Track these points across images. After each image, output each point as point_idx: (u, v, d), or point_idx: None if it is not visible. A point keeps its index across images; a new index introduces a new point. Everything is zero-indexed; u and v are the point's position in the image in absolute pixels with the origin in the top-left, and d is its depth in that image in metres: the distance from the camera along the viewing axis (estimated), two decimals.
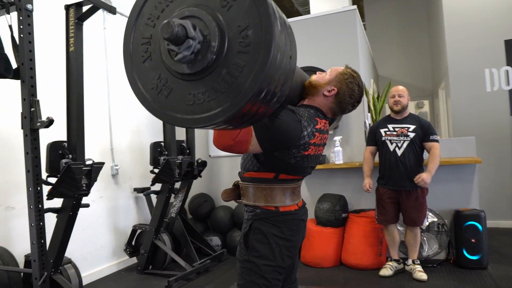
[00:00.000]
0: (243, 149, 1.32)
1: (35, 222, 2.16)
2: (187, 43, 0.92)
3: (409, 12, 7.63)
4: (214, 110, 0.94)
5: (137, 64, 1.05)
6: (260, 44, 0.90)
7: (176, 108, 0.99)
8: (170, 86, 1.00)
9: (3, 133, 3.01)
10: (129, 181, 4.29)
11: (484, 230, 3.46)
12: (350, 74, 1.53)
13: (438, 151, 3.25)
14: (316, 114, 1.49)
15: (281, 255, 1.46)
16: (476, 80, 5.09)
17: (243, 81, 0.91)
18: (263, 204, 1.47)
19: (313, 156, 1.49)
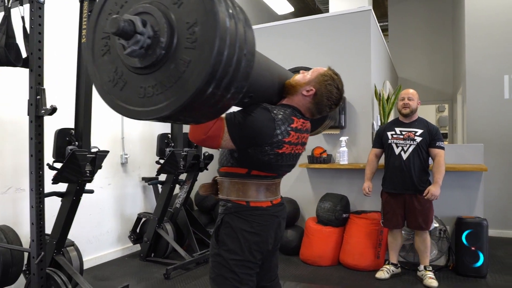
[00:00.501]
0: (215, 143, 1.37)
1: (35, 204, 2.29)
2: (135, 38, 0.97)
3: (434, 15, 7.48)
4: (161, 104, 0.99)
5: (97, 57, 1.12)
6: (205, 40, 0.95)
7: (129, 100, 1.05)
8: (125, 79, 1.06)
9: (15, 119, 3.17)
10: (137, 170, 4.43)
11: (485, 239, 3.42)
12: (330, 76, 1.55)
13: (442, 159, 3.21)
14: (293, 113, 1.52)
15: (250, 250, 1.48)
16: (494, 86, 4.97)
17: (188, 77, 0.96)
18: (235, 198, 1.51)
19: (289, 154, 1.51)
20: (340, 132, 4.20)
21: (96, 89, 1.13)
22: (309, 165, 4.14)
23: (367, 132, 4.17)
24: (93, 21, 1.14)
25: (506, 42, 4.94)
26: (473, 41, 5.13)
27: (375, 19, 4.59)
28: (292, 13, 8.21)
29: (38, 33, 2.35)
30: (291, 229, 4.16)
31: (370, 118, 4.17)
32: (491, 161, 4.68)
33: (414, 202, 3.27)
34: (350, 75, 4.21)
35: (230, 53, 0.98)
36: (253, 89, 1.34)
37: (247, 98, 1.36)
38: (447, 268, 3.62)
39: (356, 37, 4.23)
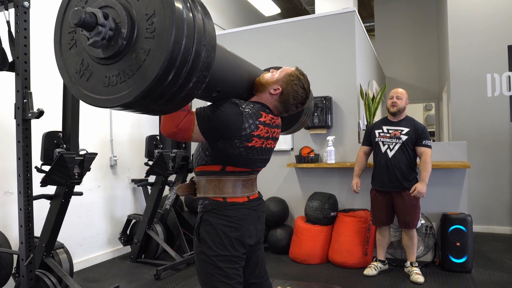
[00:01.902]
0: (186, 136, 1.42)
1: (23, 206, 2.30)
2: (97, 29, 1.03)
3: (419, 14, 7.60)
4: (124, 92, 1.05)
5: (64, 51, 1.18)
6: (162, 30, 1.01)
7: (95, 90, 1.11)
8: (90, 69, 1.12)
9: (2, 122, 3.17)
10: (127, 172, 4.44)
11: (469, 234, 3.49)
12: (296, 76, 1.60)
13: (428, 157, 3.27)
14: (262, 108, 1.57)
15: (231, 244, 1.52)
16: (477, 85, 5.08)
17: (148, 65, 1.02)
18: (212, 195, 1.55)
19: (259, 148, 1.56)
20: (327, 131, 4.26)
21: (64, 81, 1.18)
22: (297, 164, 4.20)
23: (353, 131, 4.23)
24: (60, 16, 1.20)
25: (488, 42, 5.05)
26: (456, 40, 5.24)
27: (359, 20, 4.66)
28: (280, 14, 8.27)
29: (24, 37, 2.36)
30: (280, 228, 4.20)
31: (356, 118, 4.24)
32: (475, 158, 4.79)
33: (401, 200, 3.33)
34: (336, 75, 4.28)
35: (188, 42, 1.04)
36: (221, 84, 1.40)
37: (215, 93, 1.41)
38: (433, 264, 3.70)
39: (341, 37, 4.30)
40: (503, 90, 4.96)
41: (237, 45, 4.86)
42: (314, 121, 4.19)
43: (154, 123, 4.67)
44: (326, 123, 4.17)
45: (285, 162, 4.41)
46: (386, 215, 3.44)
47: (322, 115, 4.16)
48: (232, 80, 1.49)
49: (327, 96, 4.18)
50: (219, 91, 1.41)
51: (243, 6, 7.33)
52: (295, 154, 4.33)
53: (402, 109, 3.42)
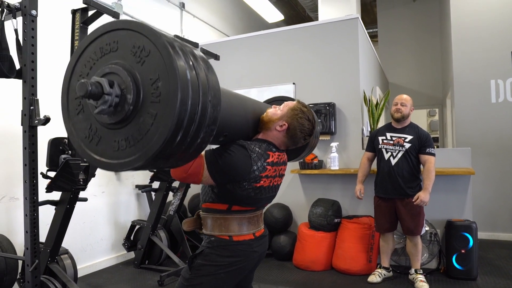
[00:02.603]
0: (196, 180, 1.43)
1: (29, 212, 2.32)
2: (103, 98, 1.05)
3: (422, 20, 7.62)
4: (134, 156, 1.06)
5: (72, 116, 1.19)
6: (168, 94, 1.01)
7: (105, 154, 1.12)
8: (99, 134, 1.13)
9: (10, 129, 3.20)
10: (131, 178, 4.46)
11: (474, 242, 3.48)
12: (300, 110, 1.61)
13: (432, 165, 3.25)
14: (268, 147, 1.58)
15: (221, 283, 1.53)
16: (481, 90, 5.08)
17: (156, 130, 1.02)
18: (218, 233, 1.55)
19: (267, 187, 1.57)
20: (331, 138, 4.27)
21: (74, 147, 1.19)
22: (300, 171, 4.20)
23: (357, 137, 4.24)
24: (66, 83, 1.22)
25: (492, 48, 5.06)
26: (460, 46, 5.25)
27: (363, 27, 4.69)
28: (283, 21, 8.32)
29: (31, 45, 2.39)
30: (284, 235, 4.20)
31: (360, 124, 4.24)
32: (480, 165, 4.78)
33: (404, 207, 3.31)
34: (339, 82, 4.30)
35: (194, 102, 1.04)
36: (227, 129, 1.41)
37: (222, 137, 1.42)
38: (438, 271, 3.68)
39: (344, 44, 4.32)
40: (507, 96, 4.96)
41: (241, 51, 4.90)
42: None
43: None
44: (330, 129, 4.18)
45: (289, 168, 4.41)
46: (390, 222, 3.43)
47: (325, 121, 4.17)
48: (238, 122, 1.50)
49: (331, 103, 4.19)
50: (226, 136, 1.42)
51: (247, 13, 7.38)
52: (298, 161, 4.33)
53: (406, 115, 3.41)
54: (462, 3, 5.29)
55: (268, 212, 4.23)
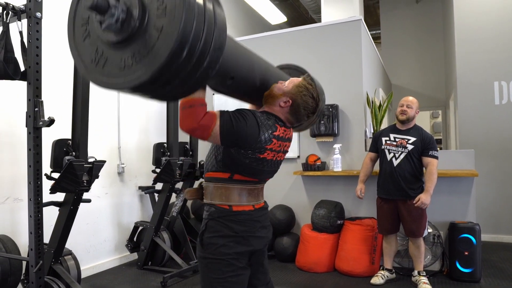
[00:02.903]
0: (205, 134, 1.42)
1: (33, 213, 2.34)
2: (110, 11, 1.07)
3: (425, 22, 7.61)
4: (140, 71, 1.07)
5: (78, 43, 1.22)
6: (174, 7, 1.03)
7: (111, 74, 1.14)
8: (106, 55, 1.15)
9: (15, 130, 3.22)
10: (134, 179, 4.47)
11: (478, 244, 3.47)
12: (305, 87, 1.62)
13: (434, 168, 3.23)
14: (276, 121, 1.60)
15: (233, 252, 1.54)
16: (484, 92, 5.07)
17: (162, 43, 1.04)
18: (218, 202, 1.57)
19: (270, 161, 1.59)
20: (334, 139, 4.27)
21: (80, 73, 1.21)
22: (303, 172, 4.20)
23: (360, 139, 4.24)
24: (72, 11, 1.25)
25: (495, 49, 5.05)
26: (463, 48, 5.24)
27: (366, 28, 4.69)
28: (286, 22, 8.33)
29: (36, 47, 2.41)
30: (287, 236, 4.20)
31: (362, 126, 4.24)
32: (483, 167, 4.76)
33: (406, 208, 3.30)
34: (342, 83, 4.30)
35: (199, 19, 1.06)
36: (235, 72, 1.42)
37: (229, 80, 1.42)
38: (441, 273, 3.67)
39: (347, 46, 4.32)
40: (511, 98, 4.94)
41: None
42: (321, 129, 4.20)
43: (162, 131, 4.70)
44: (333, 131, 4.18)
45: (292, 170, 4.42)
46: (392, 223, 3.42)
47: (328, 123, 4.17)
48: (246, 68, 1.51)
49: (334, 104, 4.20)
50: (233, 79, 1.43)
51: (250, 15, 7.39)
52: (301, 162, 4.34)
53: (411, 117, 3.40)
54: (465, 4, 5.29)
55: (271, 213, 4.23)
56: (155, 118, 4.84)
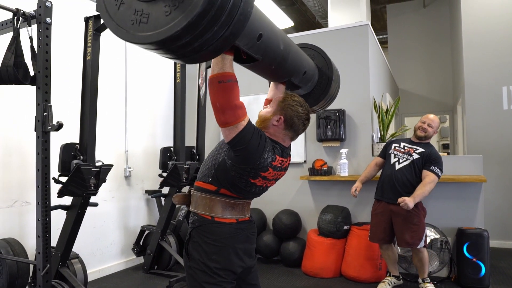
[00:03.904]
0: (231, 119, 1.40)
1: (41, 217, 2.35)
2: None
3: (432, 26, 7.58)
4: (175, 20, 1.08)
5: (113, 13, 1.22)
6: None
7: (158, 26, 1.13)
8: (147, 12, 1.15)
9: (22, 134, 3.26)
10: (141, 183, 4.49)
11: (486, 250, 3.43)
12: (290, 99, 1.63)
13: (430, 180, 3.15)
14: (277, 150, 1.59)
15: (215, 267, 1.54)
16: (493, 97, 5.04)
17: None
18: (201, 211, 1.59)
19: (259, 186, 1.60)
20: (340, 144, 4.26)
21: (126, 40, 1.20)
22: (310, 177, 4.19)
23: (366, 144, 4.22)
24: None
25: (504, 54, 5.02)
26: (471, 52, 5.21)
27: (373, 33, 4.68)
28: (293, 27, 8.34)
29: (45, 52, 2.44)
30: (293, 241, 4.19)
31: (369, 131, 4.23)
32: (491, 172, 4.72)
33: (401, 216, 3.22)
34: (349, 88, 4.29)
35: None
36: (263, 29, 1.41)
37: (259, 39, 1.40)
38: (449, 279, 3.63)
39: (354, 51, 4.31)
40: None
41: None
42: (327, 133, 4.20)
43: (169, 135, 4.72)
44: (339, 135, 4.17)
45: (298, 175, 4.41)
46: (383, 232, 3.34)
47: (335, 127, 4.16)
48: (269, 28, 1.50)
49: (341, 109, 4.19)
50: (261, 37, 1.40)
51: None
52: (308, 167, 4.33)
53: (430, 137, 3.35)
54: (473, 8, 5.26)
55: (277, 218, 4.22)
56: (162, 122, 4.87)
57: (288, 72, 1.73)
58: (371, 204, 3.69)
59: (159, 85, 4.87)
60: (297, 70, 1.78)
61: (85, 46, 2.95)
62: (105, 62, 3.49)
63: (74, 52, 3.58)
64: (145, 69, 4.64)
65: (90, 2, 3.73)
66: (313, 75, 1.99)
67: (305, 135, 4.46)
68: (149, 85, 4.72)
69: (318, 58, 2.12)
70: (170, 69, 4.76)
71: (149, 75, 4.71)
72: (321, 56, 2.13)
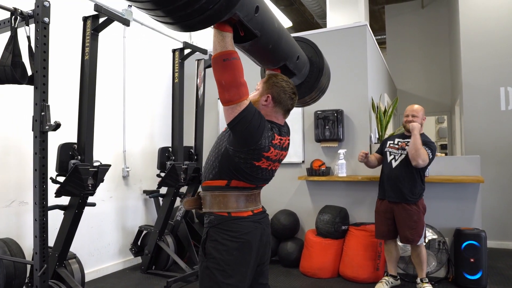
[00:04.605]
0: (235, 97, 1.43)
1: (39, 217, 2.35)
2: None
3: (430, 27, 7.60)
4: None
5: None
6: None
7: None
8: None
9: (19, 133, 3.25)
10: (139, 183, 4.48)
11: (484, 250, 3.44)
12: (273, 77, 1.67)
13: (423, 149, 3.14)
14: (275, 129, 1.63)
15: (236, 260, 1.54)
16: (490, 98, 5.05)
17: None
18: (217, 210, 1.59)
19: (265, 169, 1.61)
20: (338, 144, 4.26)
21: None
22: (308, 177, 4.19)
23: (365, 144, 4.22)
24: None
25: (501, 55, 5.03)
26: (469, 53, 5.22)
27: (371, 34, 4.69)
28: (291, 27, 8.34)
29: (43, 52, 2.43)
30: (291, 242, 4.18)
31: (367, 131, 4.23)
32: (489, 172, 4.73)
33: (401, 213, 3.26)
34: (347, 89, 4.30)
35: None
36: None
37: (256, 12, 1.41)
38: (446, 280, 3.63)
39: (353, 51, 4.32)
40: None
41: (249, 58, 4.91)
42: (326, 134, 4.20)
43: (167, 135, 4.71)
44: (338, 136, 4.17)
45: (296, 175, 4.41)
46: (388, 228, 3.37)
47: (333, 128, 4.16)
48: (265, 5, 1.52)
49: (339, 109, 4.19)
50: (258, 9, 1.42)
51: None
52: (306, 167, 4.33)
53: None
54: (471, 9, 5.27)
55: (275, 218, 4.22)
56: (161, 122, 4.86)
57: (284, 54, 1.75)
58: (369, 204, 3.71)
59: (157, 85, 4.86)
60: (291, 52, 1.81)
61: (83, 46, 2.95)
62: (103, 62, 3.48)
63: (72, 52, 3.57)
64: (143, 69, 4.64)
65: (88, 2, 3.72)
66: (305, 62, 2.02)
67: (303, 135, 4.46)
68: (147, 85, 4.71)
69: (307, 48, 2.16)
70: (168, 69, 4.76)
71: (147, 75, 4.70)
72: (310, 47, 2.16)
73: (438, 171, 3.85)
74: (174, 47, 4.12)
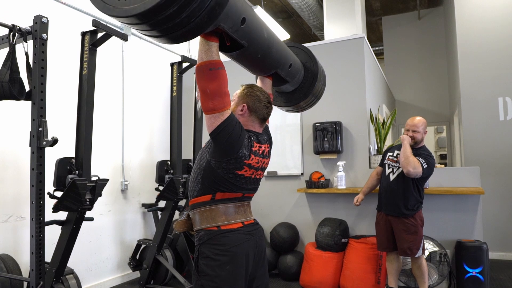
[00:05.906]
0: (219, 106, 1.45)
1: (35, 233, 2.33)
2: None
3: (428, 38, 7.66)
4: None
5: None
6: None
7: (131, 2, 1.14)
8: None
9: (17, 149, 3.24)
10: (137, 197, 4.46)
11: (485, 262, 3.41)
12: (247, 88, 1.72)
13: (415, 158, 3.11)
14: (253, 137, 1.65)
15: (229, 274, 1.51)
16: (489, 108, 5.05)
17: None
18: (206, 225, 1.57)
19: (248, 178, 1.62)
20: (337, 156, 4.25)
21: (113, 15, 1.19)
22: (307, 190, 4.18)
23: (364, 156, 4.21)
24: None
25: (499, 65, 5.05)
26: (466, 64, 5.24)
27: (368, 46, 4.71)
28: (289, 39, 8.39)
29: (41, 68, 2.45)
30: (291, 255, 4.15)
31: (366, 143, 4.22)
32: (489, 183, 4.72)
33: (399, 226, 3.22)
34: (345, 100, 4.31)
35: None
36: (246, 13, 1.43)
37: (242, 23, 1.42)
38: None
39: (350, 63, 4.34)
40: None
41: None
42: (324, 146, 4.19)
43: (165, 148, 4.71)
44: (336, 148, 4.16)
45: (295, 187, 4.39)
46: (388, 239, 3.34)
47: (332, 140, 4.16)
48: (254, 17, 1.53)
49: (337, 121, 4.19)
50: (245, 20, 1.42)
51: None
52: (305, 179, 4.32)
53: (419, 141, 3.29)
54: (467, 21, 5.31)
55: (275, 231, 4.19)
56: (159, 135, 4.86)
57: (274, 62, 1.77)
58: (369, 216, 3.68)
59: (156, 98, 4.88)
60: (283, 61, 1.82)
61: (81, 61, 2.96)
62: (101, 76, 3.50)
63: (70, 67, 3.58)
64: (142, 82, 4.65)
65: (86, 17, 3.74)
66: (298, 69, 2.03)
67: (302, 147, 4.46)
68: (146, 98, 4.72)
69: (302, 54, 2.17)
70: (166, 82, 4.77)
71: (145, 88, 4.72)
72: (304, 52, 2.18)
73: (438, 183, 3.83)
74: (172, 61, 4.14)
